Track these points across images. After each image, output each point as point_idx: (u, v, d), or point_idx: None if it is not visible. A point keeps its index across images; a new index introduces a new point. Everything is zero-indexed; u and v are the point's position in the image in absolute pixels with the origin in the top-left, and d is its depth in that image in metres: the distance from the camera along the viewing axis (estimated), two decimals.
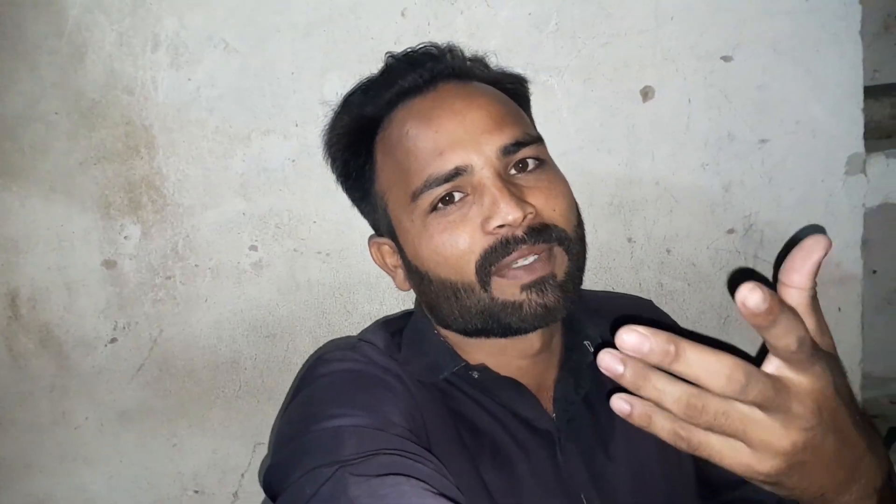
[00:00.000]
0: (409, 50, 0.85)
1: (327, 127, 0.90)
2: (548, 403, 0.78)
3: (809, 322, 0.49)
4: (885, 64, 1.22)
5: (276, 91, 0.96)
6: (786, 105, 1.00)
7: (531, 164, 0.73)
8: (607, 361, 0.44)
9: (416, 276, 0.78)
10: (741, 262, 1.03)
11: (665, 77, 0.99)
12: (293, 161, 0.98)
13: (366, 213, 0.86)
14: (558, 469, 0.76)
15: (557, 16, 0.97)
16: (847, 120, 1.00)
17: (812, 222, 1.02)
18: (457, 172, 0.71)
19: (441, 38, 0.95)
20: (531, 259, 0.70)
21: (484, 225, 0.70)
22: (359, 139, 0.81)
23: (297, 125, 0.97)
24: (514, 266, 0.70)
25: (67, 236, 0.98)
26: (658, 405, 0.46)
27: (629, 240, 1.03)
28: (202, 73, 0.95)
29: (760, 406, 0.45)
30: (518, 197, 0.70)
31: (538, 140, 0.75)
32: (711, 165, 1.01)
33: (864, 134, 1.01)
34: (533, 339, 0.76)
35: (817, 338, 0.50)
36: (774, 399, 0.45)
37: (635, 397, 0.47)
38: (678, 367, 0.43)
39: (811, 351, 0.46)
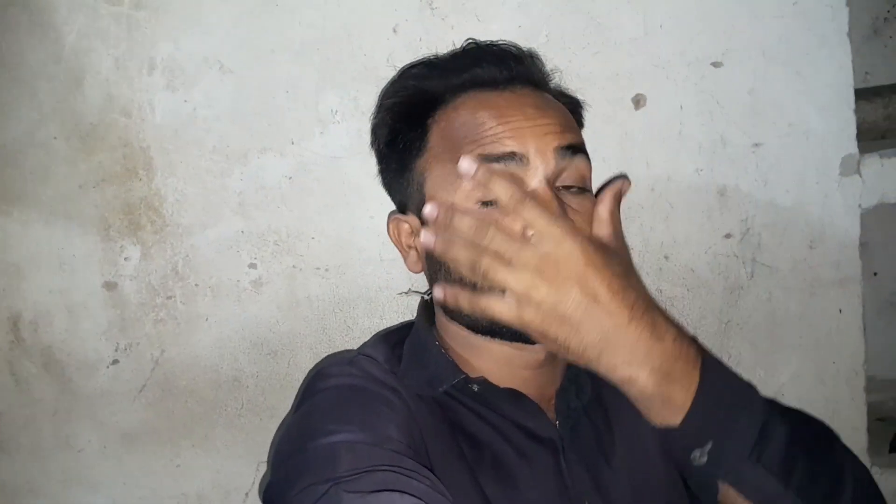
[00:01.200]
0: (491, 42, 0.86)
1: (382, 92, 0.90)
2: (550, 412, 0.78)
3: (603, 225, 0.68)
4: (875, 66, 1.23)
5: (271, 110, 0.97)
6: (778, 108, 1.00)
7: (576, 190, 0.75)
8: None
9: (433, 263, 0.77)
10: (739, 267, 1.03)
11: (656, 84, 0.99)
12: (290, 178, 0.99)
13: (395, 187, 0.84)
14: (562, 477, 0.75)
15: (547, 27, 0.98)
16: (839, 121, 1.00)
17: (808, 224, 1.02)
18: (511, 156, 0.71)
19: (432, 52, 0.96)
20: None
21: None
22: (414, 111, 0.80)
23: (293, 143, 0.98)
24: None
25: (68, 259, 0.99)
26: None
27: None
28: (198, 95, 0.97)
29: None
30: (558, 205, 0.70)
31: (589, 159, 0.77)
32: (706, 170, 1.01)
33: (859, 135, 1.01)
34: (539, 350, 0.76)
35: (602, 232, 0.68)
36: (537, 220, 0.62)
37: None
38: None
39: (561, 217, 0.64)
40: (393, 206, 0.87)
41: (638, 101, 1.00)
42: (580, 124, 0.87)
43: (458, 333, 0.79)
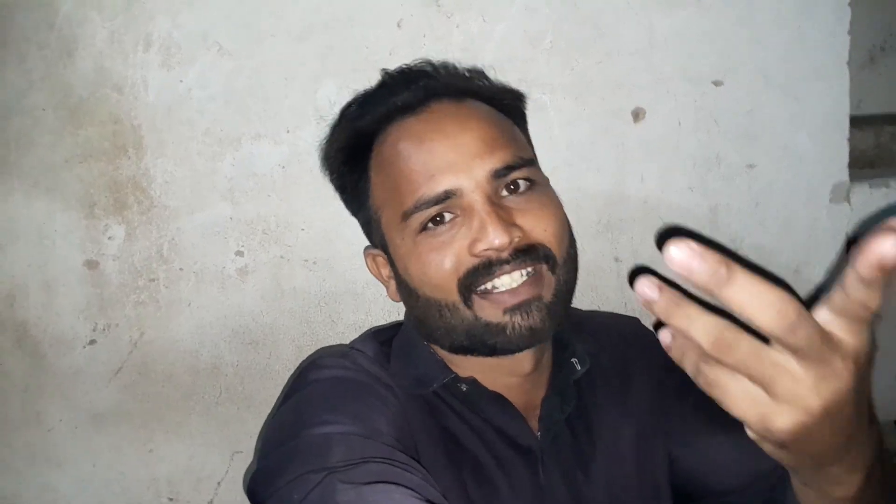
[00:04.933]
0: (403, 66, 0.85)
1: (325, 138, 0.90)
2: (534, 421, 0.78)
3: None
4: (868, 94, 1.25)
5: (268, 96, 0.96)
6: (773, 131, 1.01)
7: (523, 185, 0.74)
8: (643, 287, 0.40)
9: (405, 290, 0.79)
10: None
11: (656, 98, 0.99)
12: (283, 167, 0.97)
13: (361, 224, 0.86)
14: (539, 488, 0.76)
15: (552, 33, 0.97)
16: (833, 149, 1.02)
17: (795, 248, 1.04)
18: (447, 195, 0.71)
19: (436, 50, 0.95)
20: (516, 283, 0.71)
21: (471, 247, 0.71)
22: (353, 154, 0.81)
23: (288, 131, 0.97)
24: (498, 290, 0.71)
25: (49, 234, 0.96)
26: (686, 336, 0.41)
27: (616, 259, 1.03)
28: (194, 75, 0.94)
29: (799, 354, 0.39)
30: (506, 221, 0.70)
31: (529, 163, 0.75)
32: (699, 187, 1.02)
33: (849, 163, 1.02)
34: (523, 360, 0.77)
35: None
36: (819, 349, 0.39)
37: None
38: (726, 293, 0.38)
39: (870, 316, 0.40)
40: None
41: (637, 115, 1.00)
42: (520, 117, 0.85)
43: None
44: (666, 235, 1.03)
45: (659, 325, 0.42)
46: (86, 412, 1.00)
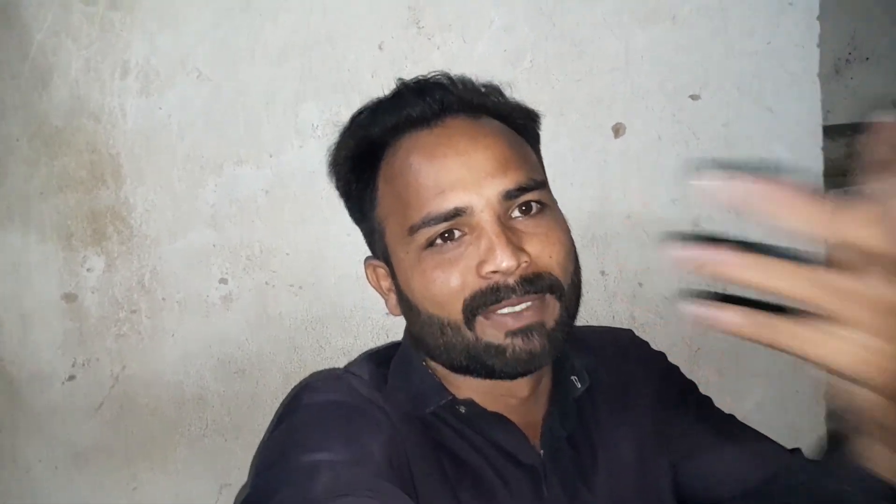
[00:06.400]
0: (420, 77, 0.84)
1: (334, 144, 0.89)
2: (535, 439, 0.77)
3: None
4: (836, 105, 1.28)
5: (249, 120, 0.95)
6: (750, 142, 1.03)
7: (534, 207, 0.73)
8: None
9: (405, 305, 0.77)
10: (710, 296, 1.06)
11: (636, 113, 1.01)
12: (266, 192, 0.96)
13: (363, 233, 0.85)
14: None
15: (532, 52, 0.98)
16: (807, 158, 1.04)
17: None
18: (456, 213, 0.70)
19: (417, 71, 0.95)
20: (521, 307, 0.70)
21: (479, 268, 0.70)
22: (362, 162, 0.79)
23: (270, 155, 0.96)
24: (501, 312, 0.70)
25: (25, 267, 0.93)
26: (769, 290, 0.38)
27: (602, 273, 1.04)
28: (173, 100, 0.93)
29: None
30: (515, 245, 0.69)
31: (542, 185, 0.75)
32: (681, 200, 1.03)
33: (823, 172, 1.05)
34: (522, 384, 0.76)
35: None
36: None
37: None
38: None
39: None
40: None
41: (618, 130, 1.01)
42: (534, 137, 0.85)
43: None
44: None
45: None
46: (66, 450, 0.97)
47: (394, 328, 1.00)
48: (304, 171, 0.96)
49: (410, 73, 0.94)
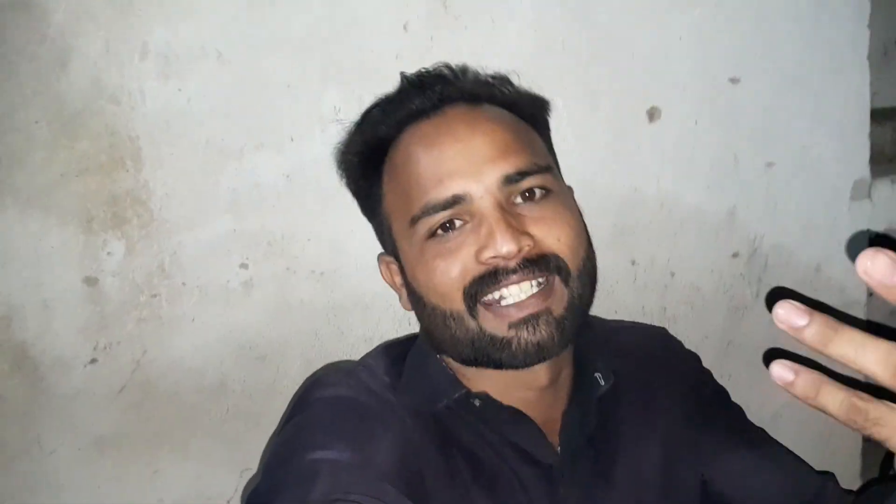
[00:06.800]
0: (422, 70, 0.83)
1: (341, 143, 0.88)
2: (553, 436, 0.75)
3: None
4: (883, 88, 1.22)
5: (270, 105, 0.92)
6: (792, 129, 0.98)
7: (538, 193, 0.71)
8: (780, 373, 0.40)
9: (414, 298, 0.77)
10: (745, 287, 1.02)
11: (672, 98, 0.97)
12: (287, 177, 0.94)
13: (374, 229, 0.85)
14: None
15: (564, 35, 0.94)
16: (853, 145, 0.99)
17: (816, 247, 1.01)
18: (455, 200, 0.69)
19: (443, 53, 0.92)
20: (525, 295, 0.68)
21: (478, 254, 0.68)
22: (369, 160, 0.79)
23: (292, 140, 0.93)
24: (505, 303, 0.68)
25: (45, 252, 0.92)
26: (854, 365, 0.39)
27: (633, 262, 1.00)
28: (193, 85, 0.91)
29: None
30: (516, 228, 0.67)
31: (545, 169, 0.72)
32: (716, 188, 0.99)
33: (869, 159, 1.00)
34: (539, 373, 0.74)
35: None
36: None
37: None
38: (833, 348, 0.38)
39: None
40: None
41: (652, 114, 0.97)
42: (542, 125, 0.82)
43: None
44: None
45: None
46: (88, 435, 0.97)
47: (415, 318, 0.98)
48: (326, 157, 0.94)
49: (436, 56, 0.91)
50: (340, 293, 0.98)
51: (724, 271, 1.01)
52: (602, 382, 0.77)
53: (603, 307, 1.01)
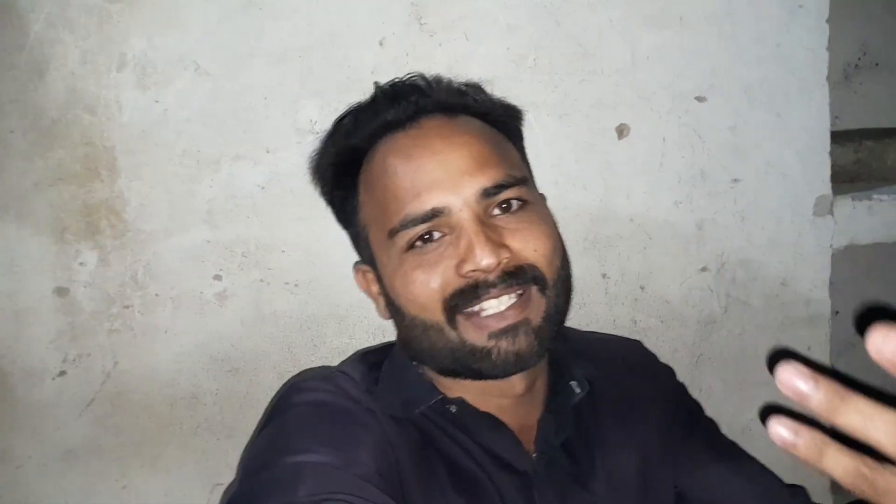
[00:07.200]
0: (396, 80, 0.83)
1: (315, 151, 0.88)
2: (529, 443, 0.76)
3: None
4: (844, 111, 1.26)
5: (248, 116, 0.93)
6: (757, 146, 1.01)
7: (515, 204, 0.72)
8: (780, 433, 0.37)
9: (392, 308, 0.77)
10: (714, 300, 1.04)
11: (640, 115, 0.99)
12: (263, 188, 0.95)
13: (350, 238, 0.85)
14: None
15: (536, 52, 0.97)
16: (815, 163, 1.02)
17: (782, 261, 1.04)
18: (434, 214, 0.70)
19: (418, 68, 0.93)
20: (503, 306, 0.69)
21: (458, 267, 0.69)
22: (344, 170, 0.79)
23: (268, 151, 0.94)
24: (485, 314, 0.69)
25: (17, 261, 0.92)
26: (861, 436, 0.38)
27: (603, 276, 1.02)
28: (170, 95, 0.92)
29: None
30: (495, 241, 0.68)
31: (522, 181, 0.73)
32: (685, 203, 1.01)
33: (831, 178, 1.03)
34: (515, 382, 0.74)
35: None
36: None
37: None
38: (841, 417, 0.36)
39: None
40: None
41: (622, 131, 0.99)
42: (516, 134, 0.83)
43: None
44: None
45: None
46: (56, 447, 0.95)
47: (390, 328, 0.97)
48: (302, 168, 0.94)
49: (412, 70, 0.92)
50: (315, 304, 0.98)
51: (693, 285, 1.03)
52: (577, 390, 0.78)
53: (575, 320, 1.03)
